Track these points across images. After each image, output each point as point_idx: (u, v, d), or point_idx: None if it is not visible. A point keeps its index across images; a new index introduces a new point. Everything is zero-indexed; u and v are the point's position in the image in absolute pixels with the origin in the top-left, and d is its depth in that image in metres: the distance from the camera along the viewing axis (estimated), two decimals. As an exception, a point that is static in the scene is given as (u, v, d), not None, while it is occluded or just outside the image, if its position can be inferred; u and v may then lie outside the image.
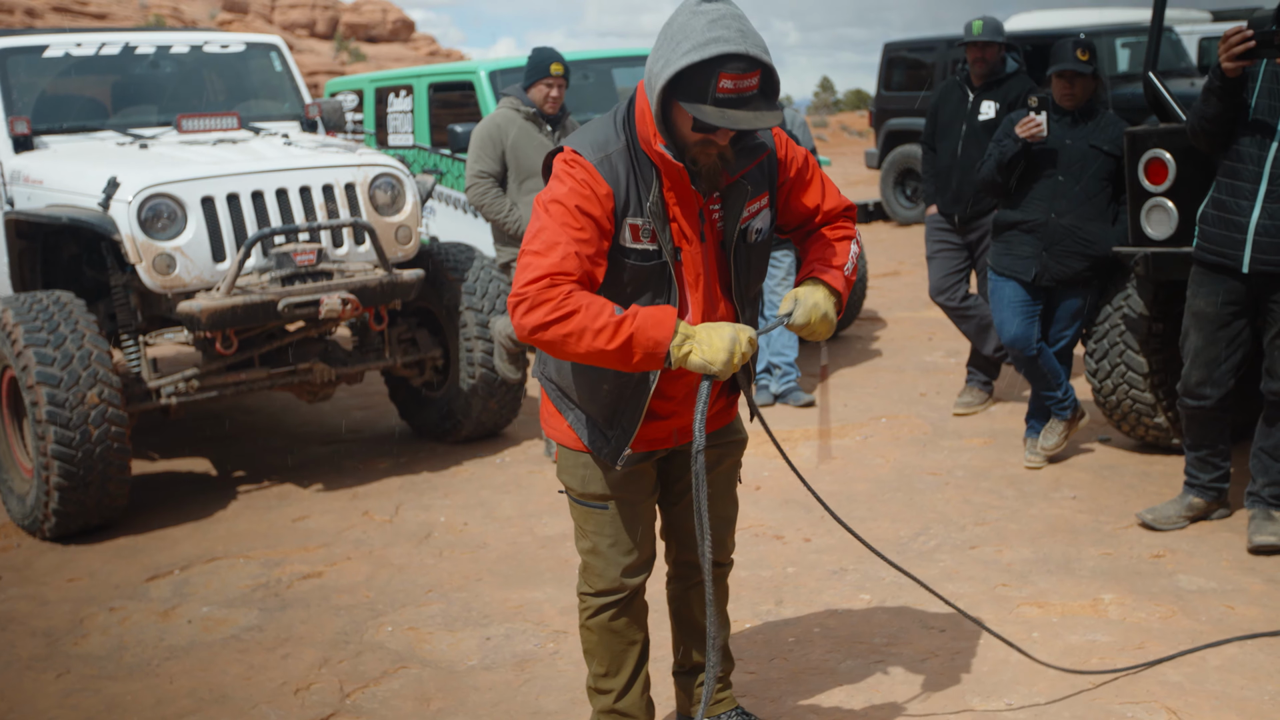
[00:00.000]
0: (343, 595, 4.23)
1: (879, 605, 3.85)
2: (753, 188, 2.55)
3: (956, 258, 6.00)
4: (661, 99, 2.34)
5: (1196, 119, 4.04)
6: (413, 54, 63.43)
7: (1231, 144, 4.01)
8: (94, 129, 5.88)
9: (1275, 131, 3.91)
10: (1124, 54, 12.15)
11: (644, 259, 2.47)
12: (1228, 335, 4.11)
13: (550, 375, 2.70)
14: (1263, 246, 3.93)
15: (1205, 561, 4.04)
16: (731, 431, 2.83)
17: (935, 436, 5.72)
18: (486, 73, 7.67)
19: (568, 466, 2.73)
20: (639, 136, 2.45)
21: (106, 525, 5.01)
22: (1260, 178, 3.93)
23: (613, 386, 2.55)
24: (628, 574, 2.74)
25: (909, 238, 13.14)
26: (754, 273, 2.65)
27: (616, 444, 2.60)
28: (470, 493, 5.32)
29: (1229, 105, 3.93)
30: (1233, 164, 4.01)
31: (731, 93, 2.26)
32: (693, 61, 2.24)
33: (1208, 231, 4.10)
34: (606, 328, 2.31)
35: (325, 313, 4.99)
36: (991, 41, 5.66)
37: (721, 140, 2.38)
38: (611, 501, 2.68)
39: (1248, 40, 3.77)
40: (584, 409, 2.63)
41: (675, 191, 2.47)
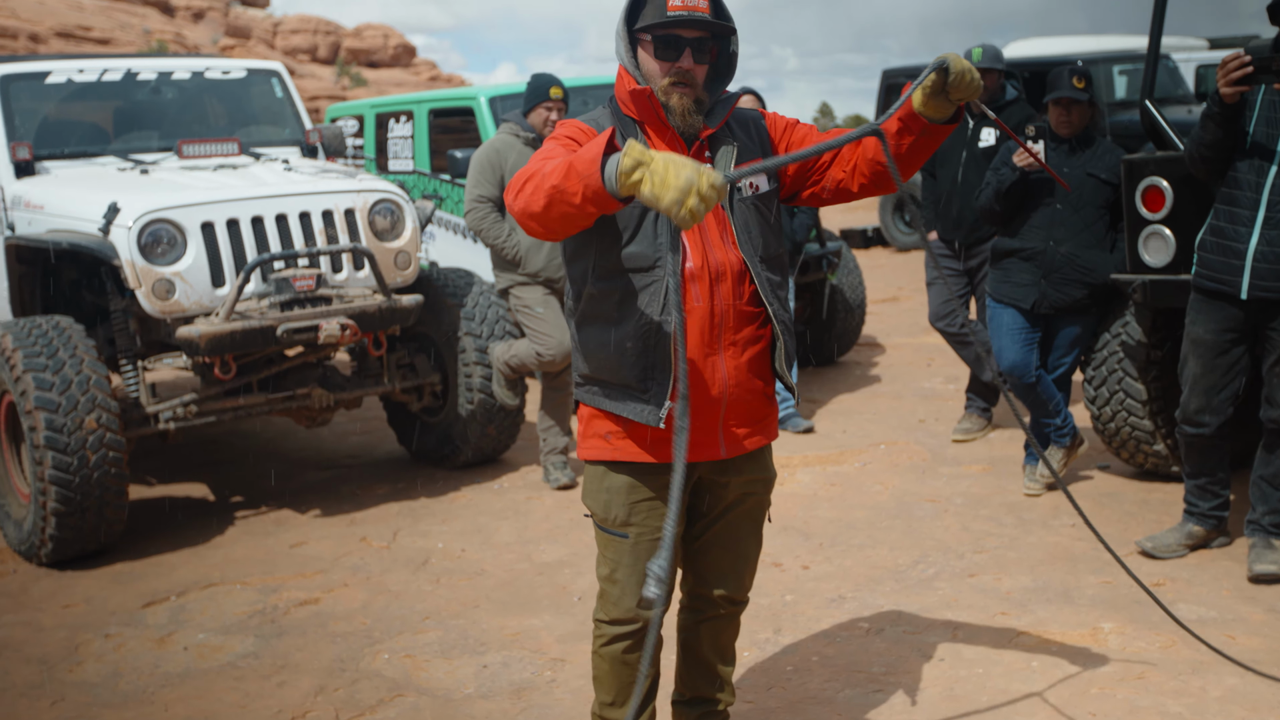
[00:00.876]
0: (339, 622, 4.22)
1: (878, 634, 3.84)
2: (741, 146, 2.61)
3: (956, 284, 6.02)
4: (629, 40, 2.54)
5: (1195, 145, 4.05)
6: (414, 79, 63.79)
7: (1229, 171, 4.03)
8: (95, 154, 5.90)
9: (1274, 157, 3.92)
10: (1121, 81, 12.21)
11: (634, 203, 2.45)
12: (1226, 362, 4.11)
13: (582, 372, 2.67)
14: (1261, 273, 3.94)
15: (1205, 590, 4.03)
16: (761, 467, 2.77)
17: (934, 463, 5.71)
18: (486, 98, 7.69)
19: (592, 490, 2.71)
20: (618, 98, 2.61)
21: (103, 551, 5.00)
22: (1258, 204, 3.94)
23: (635, 342, 2.53)
24: (643, 605, 2.71)
25: (908, 263, 13.16)
26: (760, 229, 2.62)
27: (655, 398, 2.54)
28: (468, 519, 5.31)
29: (1227, 132, 3.94)
30: (1230, 190, 4.02)
31: (681, 10, 2.47)
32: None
33: (1206, 258, 4.11)
34: (558, 165, 2.27)
35: (324, 338, 5.00)
36: (991, 69, 5.69)
37: (686, 64, 2.50)
38: (633, 530, 2.66)
39: (1245, 66, 3.78)
40: (618, 380, 2.58)
41: (660, 142, 2.57)
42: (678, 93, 2.51)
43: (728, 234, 2.58)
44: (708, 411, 2.60)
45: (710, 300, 2.55)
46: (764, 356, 2.67)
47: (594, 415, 2.68)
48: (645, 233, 2.52)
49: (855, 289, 7.75)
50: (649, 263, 2.52)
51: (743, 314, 2.60)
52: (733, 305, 2.58)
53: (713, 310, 2.55)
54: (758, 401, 2.68)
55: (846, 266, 7.72)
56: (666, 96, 2.52)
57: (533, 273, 5.45)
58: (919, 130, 2.52)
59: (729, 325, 2.58)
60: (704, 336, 2.56)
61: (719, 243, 2.57)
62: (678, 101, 2.52)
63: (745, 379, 2.63)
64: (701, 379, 2.58)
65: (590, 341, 2.61)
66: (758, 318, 2.64)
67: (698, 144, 2.59)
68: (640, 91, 2.53)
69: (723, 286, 2.56)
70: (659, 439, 2.60)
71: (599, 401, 2.64)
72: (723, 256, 2.56)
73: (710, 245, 2.56)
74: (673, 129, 2.57)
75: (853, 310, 7.77)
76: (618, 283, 2.54)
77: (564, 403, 5.72)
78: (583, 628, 4.02)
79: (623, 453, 2.64)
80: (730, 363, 2.59)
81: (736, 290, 2.58)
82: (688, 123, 2.54)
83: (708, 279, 2.55)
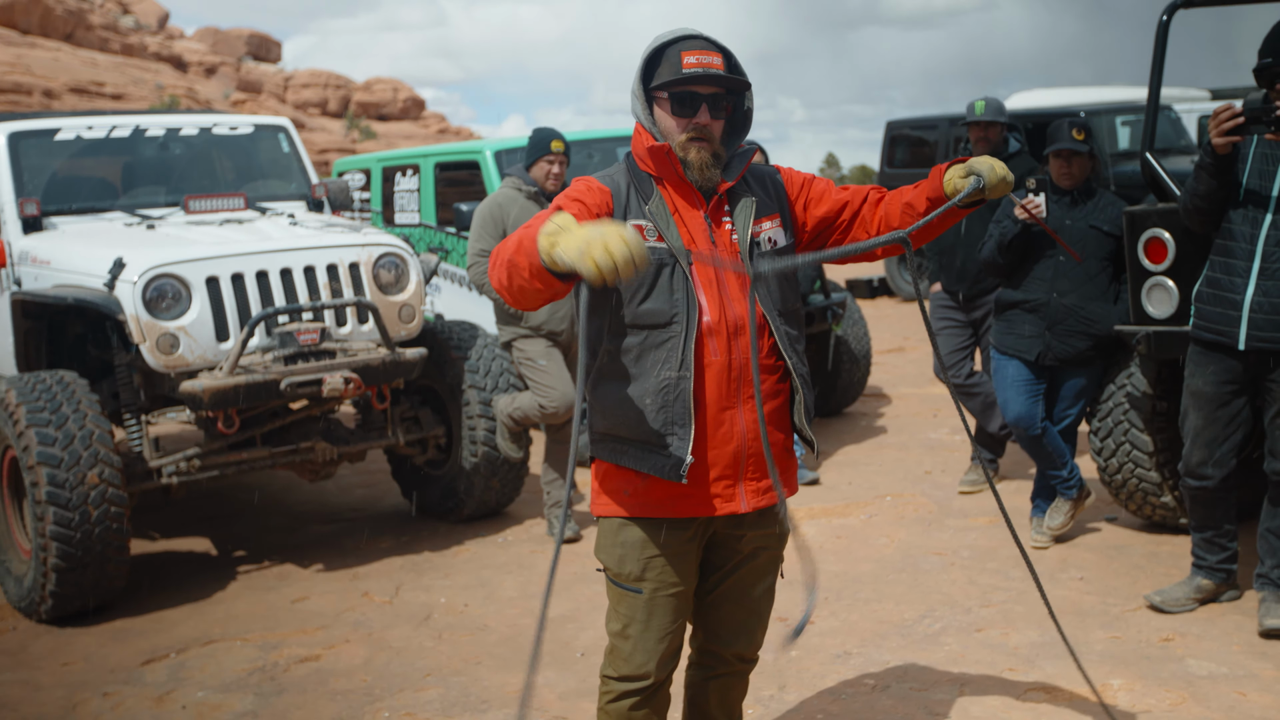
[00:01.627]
0: (340, 679, 4.18)
1: (884, 690, 3.79)
2: (760, 201, 2.64)
3: (961, 335, 6.01)
4: (645, 100, 2.58)
5: (1189, 196, 4.06)
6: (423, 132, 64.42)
7: (1224, 222, 4.03)
8: (103, 210, 5.94)
9: (1267, 207, 3.93)
10: (1124, 132, 12.27)
11: (652, 255, 2.51)
12: (1227, 414, 4.09)
13: (598, 429, 2.66)
14: (1258, 323, 3.92)
15: (1216, 645, 3.97)
16: (775, 521, 2.75)
17: (940, 515, 5.67)
18: (492, 152, 7.76)
19: (606, 544, 2.69)
20: (635, 155, 2.63)
21: (104, 607, 4.97)
22: (1253, 255, 3.94)
23: (654, 398, 2.53)
24: (654, 663, 2.68)
25: (914, 314, 13.16)
26: (778, 283, 2.64)
27: (677, 454, 2.53)
28: (472, 573, 5.27)
29: (1221, 182, 3.95)
30: (1225, 242, 4.03)
31: (696, 67, 2.51)
32: (654, 48, 2.55)
33: (1203, 309, 4.10)
34: (514, 239, 2.35)
35: (328, 392, 5.00)
36: (994, 121, 5.72)
37: (704, 119, 2.53)
38: (646, 585, 2.64)
39: (1237, 117, 3.80)
40: (637, 437, 2.57)
41: (677, 197, 2.59)
42: (695, 147, 2.54)
43: (746, 288, 2.59)
44: (728, 465, 2.59)
45: (729, 354, 2.56)
46: (783, 410, 2.68)
47: (610, 471, 2.66)
48: (661, 289, 2.53)
49: (860, 340, 7.74)
50: (665, 319, 2.52)
51: (762, 367, 2.61)
52: (751, 360, 2.58)
53: (731, 364, 2.56)
54: (777, 455, 2.67)
55: (851, 317, 7.72)
56: (685, 152, 2.55)
57: (535, 326, 5.46)
58: (947, 215, 2.63)
59: (747, 379, 2.58)
60: (723, 390, 2.56)
61: (738, 296, 2.58)
62: (695, 156, 2.54)
63: (765, 432, 2.62)
64: (720, 432, 2.57)
65: (608, 398, 2.61)
66: (776, 371, 2.64)
67: (716, 198, 2.61)
68: (658, 148, 2.56)
69: (741, 340, 2.57)
70: (679, 494, 2.59)
71: (617, 458, 2.63)
72: (741, 310, 2.57)
73: (729, 299, 2.57)
74: (690, 184, 2.59)
75: (858, 361, 7.76)
76: (634, 339, 2.55)
77: (568, 455, 5.70)
78: (585, 684, 3.98)
79: (641, 509, 2.62)
80: (749, 416, 2.58)
81: (756, 344, 2.58)
82: (705, 176, 2.56)
83: (726, 332, 2.56)
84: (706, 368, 2.54)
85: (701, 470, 2.58)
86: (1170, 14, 4.77)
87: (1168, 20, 4.77)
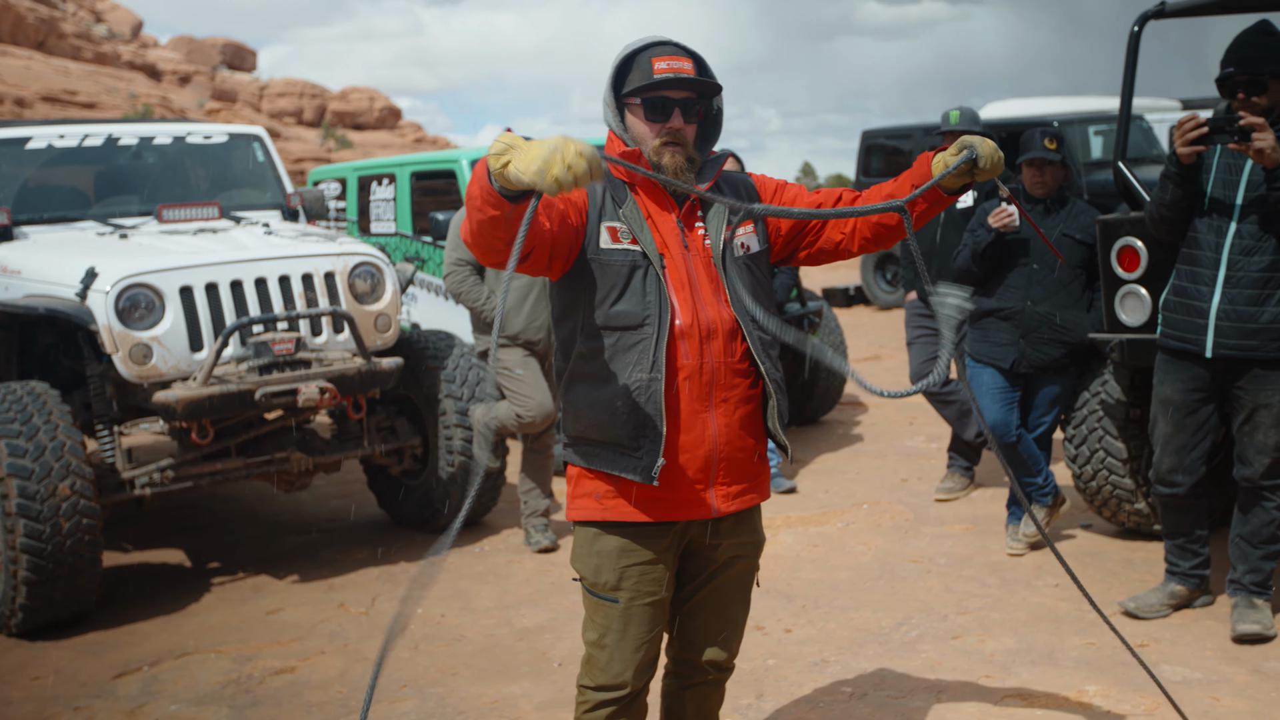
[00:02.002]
0: (315, 691, 4.14)
1: (861, 698, 3.79)
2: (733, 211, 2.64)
3: (937, 343, 6.03)
4: (617, 107, 2.59)
5: (1155, 206, 4.11)
6: (399, 141, 64.27)
7: (1189, 231, 4.07)
8: (75, 219, 5.90)
9: (1231, 215, 3.98)
10: (1097, 141, 12.38)
11: (625, 257, 2.52)
12: (1195, 422, 4.13)
13: (571, 432, 2.66)
14: (1224, 331, 3.97)
15: (1189, 651, 4.00)
16: (750, 530, 2.76)
17: (917, 523, 5.69)
18: (468, 161, 7.74)
19: (582, 553, 2.68)
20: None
21: (75, 620, 4.92)
22: (1219, 264, 3.98)
23: (625, 400, 2.52)
24: (631, 672, 2.67)
25: (890, 322, 13.22)
26: (752, 287, 2.63)
27: (649, 456, 2.53)
28: (448, 583, 5.25)
29: (1186, 192, 3.99)
30: (1192, 251, 4.07)
31: (668, 72, 2.52)
32: (626, 55, 2.56)
33: (1170, 318, 4.15)
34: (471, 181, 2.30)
35: (303, 402, 4.97)
36: (969, 131, 5.75)
37: (676, 123, 2.54)
38: (622, 595, 2.63)
39: (1201, 127, 3.85)
40: (609, 439, 2.57)
41: (650, 202, 2.59)
42: (669, 152, 2.55)
43: (720, 292, 2.59)
44: (699, 469, 2.59)
45: (700, 357, 2.56)
46: (756, 415, 2.67)
47: (583, 475, 2.66)
48: (633, 291, 2.53)
49: (837, 348, 7.76)
50: (638, 321, 2.52)
51: (734, 371, 2.61)
52: (724, 363, 2.58)
53: (703, 367, 2.56)
54: (749, 460, 2.67)
55: (828, 325, 7.75)
56: (659, 157, 2.55)
57: (512, 335, 5.44)
58: (934, 200, 2.64)
59: (720, 383, 2.58)
60: (695, 393, 2.56)
61: (711, 300, 2.58)
62: (669, 160, 2.55)
63: (737, 436, 2.62)
64: (692, 436, 2.57)
65: (580, 400, 2.60)
66: (749, 376, 2.64)
67: (688, 203, 2.62)
68: (631, 152, 2.57)
69: (714, 344, 2.57)
70: (651, 498, 2.59)
71: (589, 461, 2.63)
72: (714, 314, 2.58)
73: (701, 303, 2.57)
74: (663, 189, 2.59)
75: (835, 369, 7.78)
76: (606, 341, 2.54)
77: (545, 465, 5.69)
78: (562, 695, 3.96)
79: (614, 512, 2.62)
80: (721, 420, 2.59)
81: (728, 348, 2.59)
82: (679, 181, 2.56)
83: (698, 335, 2.56)
84: (679, 370, 2.55)
85: (674, 473, 2.58)
86: (1141, 24, 4.81)
87: (1139, 30, 4.82)
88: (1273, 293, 3.89)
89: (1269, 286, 3.89)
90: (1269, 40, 3.87)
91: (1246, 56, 3.86)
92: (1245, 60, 3.86)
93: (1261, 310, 3.90)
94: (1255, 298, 3.90)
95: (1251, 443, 4.01)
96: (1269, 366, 3.94)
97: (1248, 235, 3.92)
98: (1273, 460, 3.98)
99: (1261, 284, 3.90)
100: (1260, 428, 3.98)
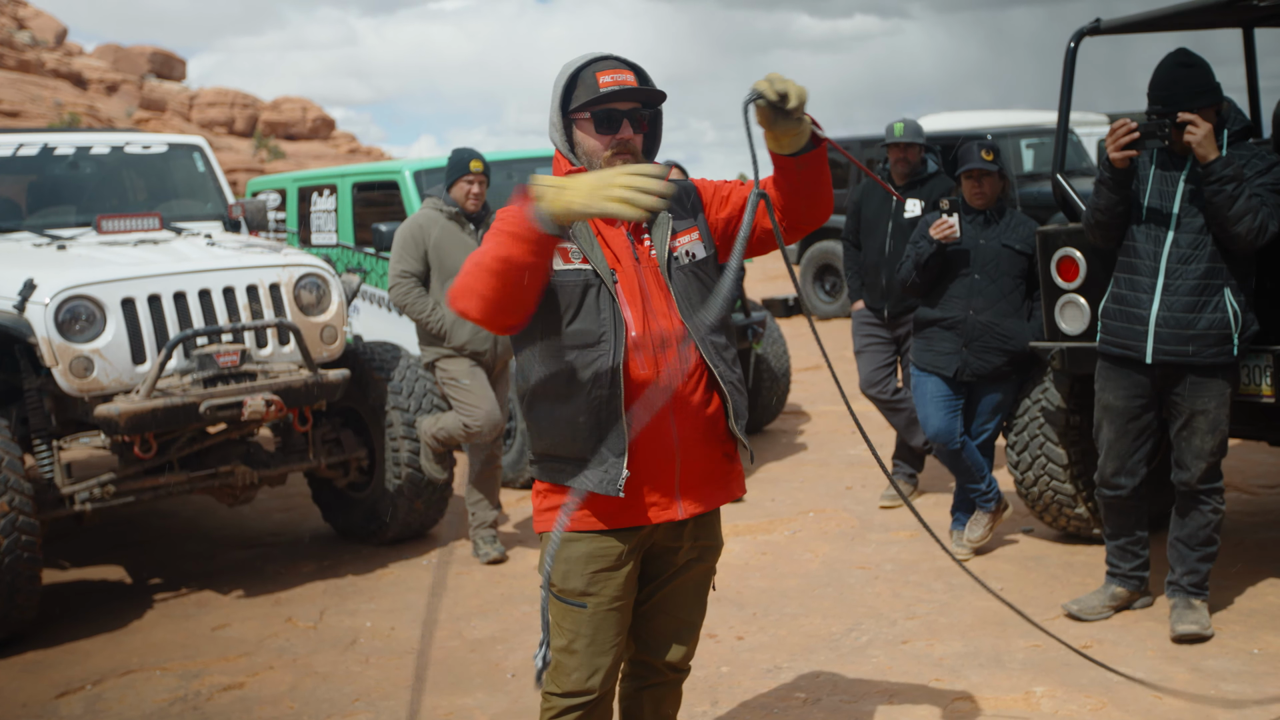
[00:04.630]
0: (265, 707, 4.09)
1: (815, 703, 3.83)
2: (676, 214, 2.68)
3: (885, 351, 6.12)
4: (564, 126, 2.61)
5: (1090, 212, 4.22)
6: (333, 151, 63.66)
7: (1127, 240, 4.19)
8: (9, 230, 5.78)
9: (1169, 226, 4.09)
10: (1029, 154, 12.64)
11: (578, 277, 2.56)
12: (1137, 427, 4.24)
13: (535, 449, 2.69)
14: (1164, 338, 4.08)
15: (1131, 651, 4.10)
16: (710, 534, 2.80)
17: (863, 530, 5.76)
18: (411, 172, 7.71)
19: (549, 559, 2.69)
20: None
21: (14, 639, 4.81)
22: (1158, 272, 4.09)
23: (587, 416, 2.55)
24: (599, 677, 2.69)
25: (829, 332, 13.35)
26: (700, 294, 2.66)
27: (613, 469, 2.56)
28: (397, 595, 5.21)
29: (1121, 197, 4.10)
30: (1130, 259, 4.18)
31: (613, 85, 2.56)
32: (571, 73, 2.59)
33: (1110, 325, 4.25)
34: (491, 246, 2.36)
35: (248, 414, 4.91)
36: (913, 143, 5.86)
37: (626, 134, 2.58)
38: (591, 600, 2.65)
39: (1132, 132, 3.96)
40: (574, 454, 2.60)
41: (599, 219, 2.58)
42: (620, 161, 2.58)
43: (670, 302, 2.63)
44: (663, 475, 2.63)
45: (655, 367, 2.60)
46: (717, 418, 2.70)
47: (550, 490, 2.69)
48: (588, 309, 2.56)
49: (780, 358, 7.84)
50: (594, 338, 2.56)
51: (690, 378, 2.64)
52: (679, 369, 2.62)
53: (659, 377, 2.59)
54: (715, 462, 2.71)
55: (771, 336, 7.82)
56: (610, 167, 2.56)
57: (458, 345, 5.43)
58: (791, 168, 2.56)
59: (676, 391, 2.61)
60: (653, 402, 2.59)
61: (662, 311, 2.62)
62: None
63: (698, 440, 2.66)
64: (654, 445, 2.61)
65: (542, 419, 2.63)
66: (704, 380, 2.67)
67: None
68: (578, 171, 2.59)
69: (668, 353, 2.61)
70: (617, 507, 2.62)
71: (555, 476, 2.66)
72: (665, 324, 2.61)
73: (652, 314, 2.61)
74: None
75: (778, 379, 7.86)
76: (565, 359, 2.57)
77: (493, 476, 5.68)
78: (517, 705, 3.96)
79: (581, 524, 2.65)
80: (681, 426, 2.62)
81: (681, 356, 2.63)
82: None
83: (651, 346, 2.60)
84: (635, 382, 2.58)
85: (638, 482, 2.61)
86: (1078, 40, 4.94)
87: (1075, 46, 4.94)
88: (1208, 299, 4.01)
89: (1205, 294, 4.01)
90: (1188, 74, 3.97)
91: (1172, 95, 3.96)
92: (1171, 98, 3.97)
93: (1198, 317, 4.02)
94: (1192, 304, 4.02)
95: (1189, 448, 4.12)
96: (1204, 373, 4.06)
97: (1184, 244, 4.04)
98: (1209, 465, 4.10)
99: (1198, 291, 4.02)
100: (1197, 433, 4.10)
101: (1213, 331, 4.01)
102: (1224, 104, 4.06)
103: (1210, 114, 3.98)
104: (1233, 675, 3.85)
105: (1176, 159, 4.09)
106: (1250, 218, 3.86)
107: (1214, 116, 4.00)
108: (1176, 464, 4.18)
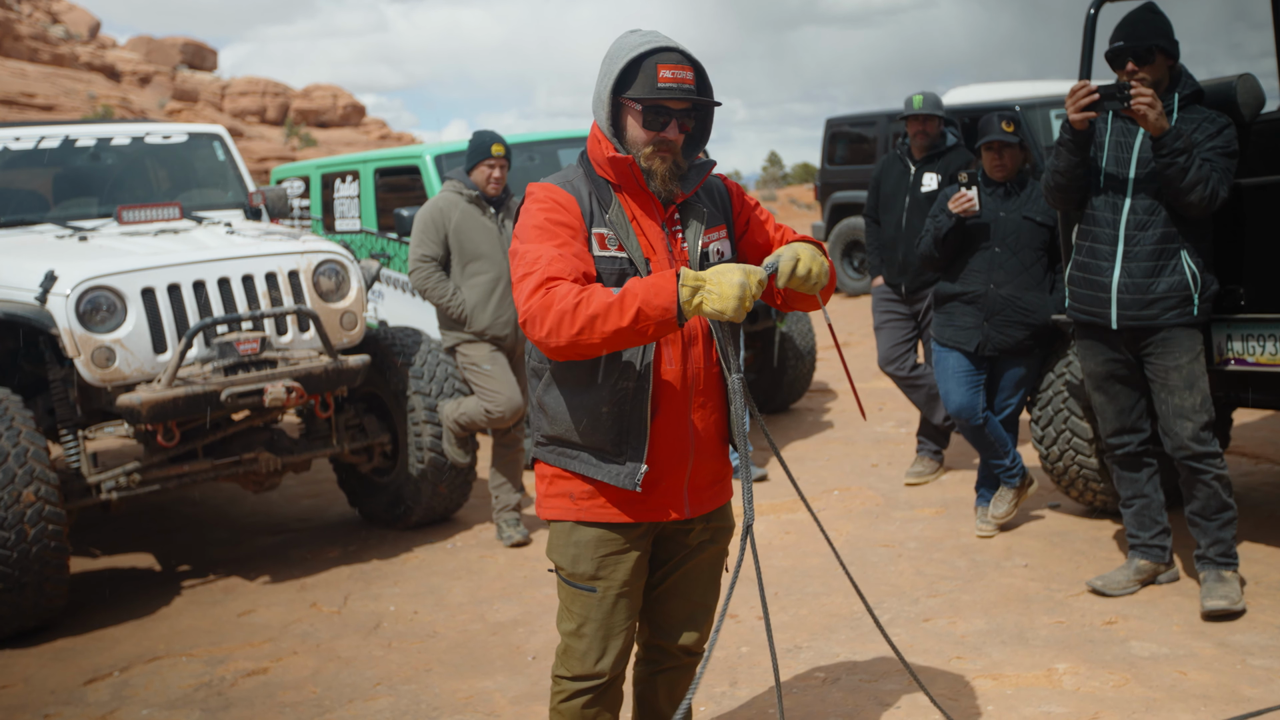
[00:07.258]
0: (288, 692, 4.13)
1: (834, 683, 3.81)
2: (709, 213, 2.66)
3: (904, 328, 6.07)
4: (611, 106, 2.54)
5: (1049, 174, 4.22)
6: (364, 138, 63.85)
7: (1087, 209, 4.19)
8: (33, 222, 5.83)
9: (1126, 192, 4.10)
10: (1058, 124, 12.45)
11: (613, 265, 2.54)
12: (1124, 389, 4.27)
13: (546, 433, 2.66)
14: (1126, 303, 4.10)
15: (1156, 627, 4.04)
16: (721, 516, 2.80)
17: (887, 508, 5.72)
18: (432, 157, 7.70)
19: (559, 544, 2.70)
20: (592, 160, 2.62)
21: (44, 627, 4.87)
22: (1117, 239, 4.11)
23: (610, 406, 2.55)
24: (609, 660, 2.69)
25: (857, 309, 13.27)
26: None
27: (631, 464, 2.56)
28: (420, 580, 5.23)
29: (1080, 159, 4.11)
30: (1090, 227, 4.20)
31: (671, 82, 2.49)
32: (632, 58, 2.50)
33: (1076, 293, 4.28)
34: (612, 307, 2.33)
35: (269, 401, 4.94)
36: (932, 115, 5.79)
37: (672, 135, 2.53)
38: (600, 584, 2.65)
39: (1092, 94, 3.96)
40: (590, 444, 2.59)
41: (635, 204, 2.59)
42: (660, 158, 2.55)
43: None
44: (676, 473, 2.63)
45: (683, 363, 2.60)
46: (724, 420, 2.72)
47: (558, 475, 2.68)
48: None
49: (805, 336, 7.79)
50: None
51: (712, 375, 2.65)
52: (703, 368, 2.63)
53: (685, 373, 2.60)
54: (719, 461, 2.73)
55: (795, 314, 7.77)
56: (649, 162, 2.55)
57: (479, 330, 5.43)
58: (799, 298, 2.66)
59: (699, 387, 2.63)
60: (676, 398, 2.60)
61: None
62: (659, 166, 2.55)
63: (710, 439, 2.68)
64: (672, 441, 2.61)
65: (561, 404, 2.62)
66: (718, 382, 2.68)
67: (672, 208, 2.63)
68: (621, 160, 2.55)
69: (694, 349, 2.61)
70: (628, 500, 2.61)
71: (565, 463, 2.65)
72: (694, 321, 2.61)
73: None
74: (649, 193, 2.60)
75: (803, 357, 7.81)
76: None
77: (515, 459, 5.68)
78: (536, 688, 3.96)
79: (589, 514, 2.64)
80: (699, 424, 2.64)
81: (707, 352, 2.63)
82: (668, 188, 2.58)
83: (681, 342, 2.60)
84: (662, 376, 2.57)
85: (653, 477, 2.61)
86: (1098, 7, 4.84)
87: (1095, 14, 4.85)
88: (1166, 263, 4.04)
89: (1163, 258, 4.04)
90: (1155, 18, 4.04)
91: (1135, 31, 4.02)
92: (1134, 35, 4.01)
93: (1157, 281, 4.04)
94: (1151, 269, 4.05)
95: (1170, 409, 4.09)
96: (1170, 330, 4.07)
97: (1141, 210, 4.06)
98: (1195, 426, 4.06)
99: (1156, 255, 4.04)
100: (1175, 391, 4.08)
101: (1173, 294, 4.03)
102: (1176, 64, 4.10)
103: (1163, 65, 4.03)
104: (1260, 650, 3.79)
105: (1131, 126, 4.11)
106: (1201, 187, 3.89)
107: (1165, 72, 4.04)
108: (1164, 433, 4.15)
